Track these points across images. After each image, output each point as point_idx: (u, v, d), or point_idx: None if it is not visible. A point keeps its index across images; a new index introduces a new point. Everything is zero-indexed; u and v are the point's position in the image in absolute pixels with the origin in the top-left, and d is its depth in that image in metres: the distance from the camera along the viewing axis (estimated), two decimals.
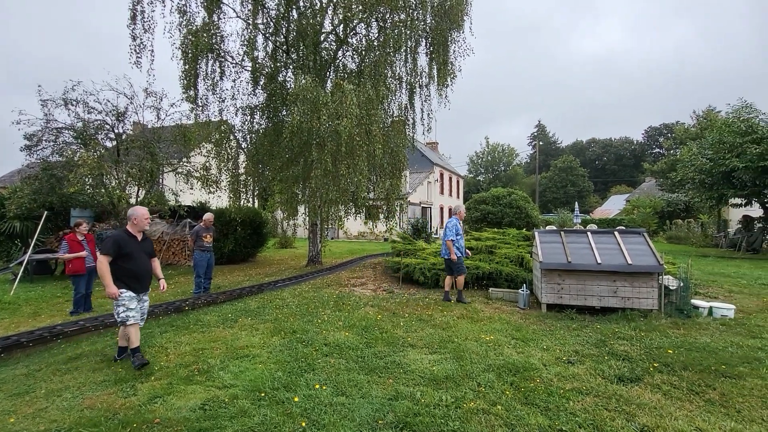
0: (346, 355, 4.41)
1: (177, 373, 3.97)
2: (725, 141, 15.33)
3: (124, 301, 4.21)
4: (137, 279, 4.32)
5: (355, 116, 7.45)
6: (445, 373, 3.86)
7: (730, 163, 14.63)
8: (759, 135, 14.43)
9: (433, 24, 10.07)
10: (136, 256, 4.31)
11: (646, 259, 5.98)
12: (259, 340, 5.00)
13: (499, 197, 16.44)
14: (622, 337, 4.92)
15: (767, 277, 9.47)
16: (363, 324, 5.56)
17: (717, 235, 22.11)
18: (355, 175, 8.01)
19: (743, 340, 4.74)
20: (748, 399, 3.31)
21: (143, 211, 4.45)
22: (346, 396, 3.43)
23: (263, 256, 14.95)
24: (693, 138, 26.77)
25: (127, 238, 4.31)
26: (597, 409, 3.19)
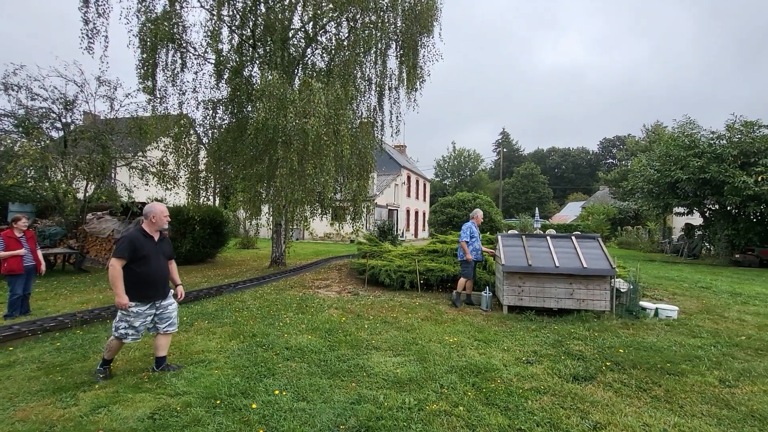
0: (309, 359, 4.30)
1: (124, 381, 3.71)
2: (671, 154, 16.49)
3: (129, 318, 3.72)
4: (153, 285, 3.82)
5: (323, 115, 7.33)
6: (408, 376, 3.84)
7: (675, 174, 15.74)
8: (700, 150, 15.63)
9: (404, 27, 10.14)
10: (152, 260, 3.79)
11: (600, 263, 6.28)
12: (216, 345, 4.78)
13: (465, 201, 16.79)
14: (578, 337, 5.13)
15: (706, 281, 10.23)
16: (327, 327, 5.46)
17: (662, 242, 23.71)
18: (322, 176, 7.88)
19: (685, 340, 5.07)
20: (689, 395, 3.52)
21: (162, 208, 3.93)
22: (307, 401, 3.33)
23: (224, 256, 14.41)
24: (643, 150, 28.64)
25: (143, 239, 3.79)
26: (554, 407, 3.29)
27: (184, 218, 11.51)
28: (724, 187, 14.65)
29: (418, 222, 35.25)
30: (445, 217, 16.45)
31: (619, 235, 28.83)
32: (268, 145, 8.30)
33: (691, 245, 19.86)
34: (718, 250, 17.19)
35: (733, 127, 16.05)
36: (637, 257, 18.76)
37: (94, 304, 6.85)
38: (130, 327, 3.75)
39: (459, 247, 7.15)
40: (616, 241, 28.18)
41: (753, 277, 11.48)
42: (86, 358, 4.29)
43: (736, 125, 16.01)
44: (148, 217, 3.88)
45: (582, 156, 74.93)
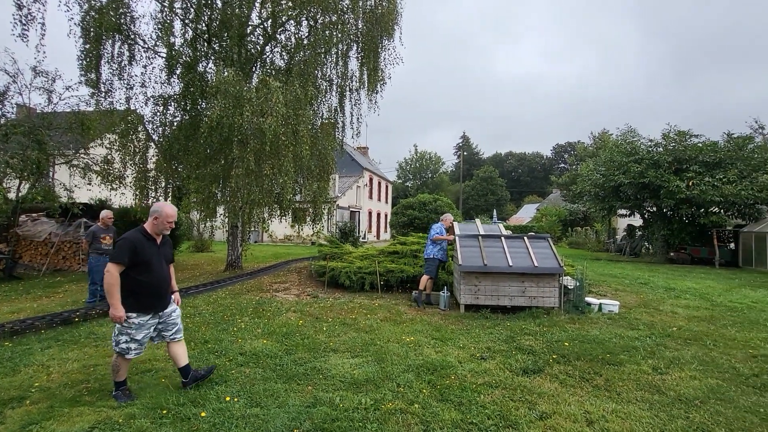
0: (264, 364, 4.20)
1: (60, 394, 3.44)
2: (614, 160, 17.69)
3: (130, 330, 3.30)
4: (155, 294, 3.41)
5: (281, 115, 7.19)
6: (366, 376, 3.85)
7: (618, 179, 16.90)
8: (640, 156, 16.90)
9: (365, 29, 10.17)
10: (155, 265, 3.38)
11: (550, 262, 6.61)
12: (164, 353, 4.53)
13: (426, 203, 17.09)
14: (528, 332, 5.36)
15: (644, 278, 11.06)
16: (284, 330, 5.35)
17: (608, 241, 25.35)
18: (281, 176, 7.72)
19: (624, 332, 5.45)
20: (626, 383, 3.79)
21: (171, 211, 3.47)
22: (261, 407, 3.25)
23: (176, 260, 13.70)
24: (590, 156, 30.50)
25: (145, 241, 3.35)
26: (504, 400, 3.42)
27: (131, 220, 10.84)
28: (660, 191, 15.92)
29: (380, 223, 35.42)
30: (407, 219, 16.65)
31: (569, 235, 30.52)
32: (223, 144, 8.01)
33: (632, 245, 21.39)
34: (655, 248, 18.63)
35: (668, 135, 17.51)
36: (585, 256, 19.93)
37: (26, 313, 6.29)
38: (132, 340, 3.33)
39: (427, 244, 7.32)
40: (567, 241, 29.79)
41: (685, 274, 12.55)
42: (16, 372, 3.94)
43: (670, 134, 17.48)
44: (152, 216, 3.45)
45: (537, 160, 78.58)
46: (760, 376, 3.95)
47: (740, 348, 4.85)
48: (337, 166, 14.70)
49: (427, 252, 7.30)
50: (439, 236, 7.19)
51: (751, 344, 5.00)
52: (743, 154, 15.81)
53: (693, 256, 16.49)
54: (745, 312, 6.92)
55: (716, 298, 8.23)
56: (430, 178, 68.54)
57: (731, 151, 15.97)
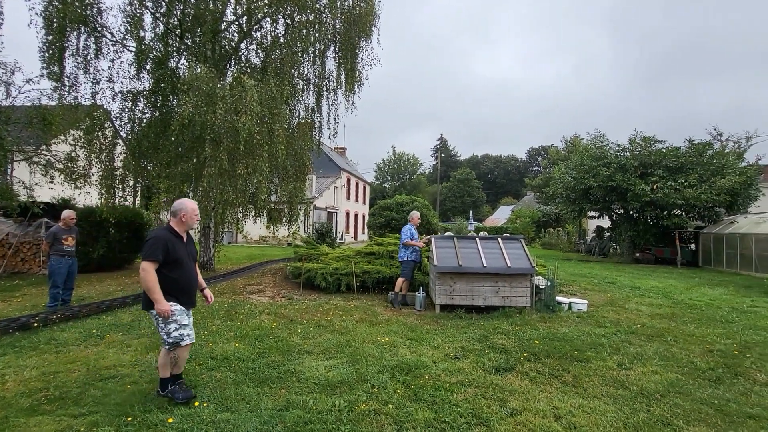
0: (235, 368, 4.11)
1: (17, 404, 3.26)
2: (585, 164, 18.31)
3: (173, 315, 3.26)
4: (188, 292, 3.40)
5: (256, 113, 7.05)
6: (340, 378, 3.83)
7: (588, 182, 17.50)
8: (608, 160, 17.56)
9: (342, 30, 10.14)
10: (185, 263, 3.37)
11: (522, 263, 6.77)
12: (130, 358, 4.38)
13: (403, 204, 17.14)
14: (501, 331, 5.47)
15: (612, 277, 11.48)
16: (257, 333, 5.26)
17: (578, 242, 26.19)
18: (255, 176, 7.58)
19: (592, 329, 5.64)
20: (593, 379, 3.92)
21: (193, 206, 3.47)
22: (232, 411, 3.18)
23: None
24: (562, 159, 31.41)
25: (174, 239, 3.33)
26: (476, 398, 3.48)
27: (97, 220, 10.40)
28: (627, 194, 16.59)
29: (358, 224, 35.35)
30: (384, 220, 16.65)
31: (543, 236, 31.36)
32: (195, 143, 7.80)
33: (601, 245, 22.18)
34: (622, 249, 19.39)
35: (634, 141, 18.27)
36: (557, 256, 20.53)
37: None
38: (181, 326, 3.30)
39: (400, 247, 7.33)
40: (540, 242, 30.60)
41: (649, 273, 13.11)
42: None
43: (637, 140, 18.25)
44: (177, 215, 3.41)
45: (512, 163, 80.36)
46: (715, 370, 4.17)
47: (698, 343, 5.11)
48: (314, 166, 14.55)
49: (401, 255, 7.34)
50: (410, 242, 7.21)
51: (708, 340, 5.28)
52: (703, 159, 16.67)
53: (657, 257, 17.26)
54: (704, 309, 7.29)
55: (677, 296, 8.64)
56: (407, 179, 68.96)
57: (692, 156, 16.82)
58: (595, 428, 2.99)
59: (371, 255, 8.80)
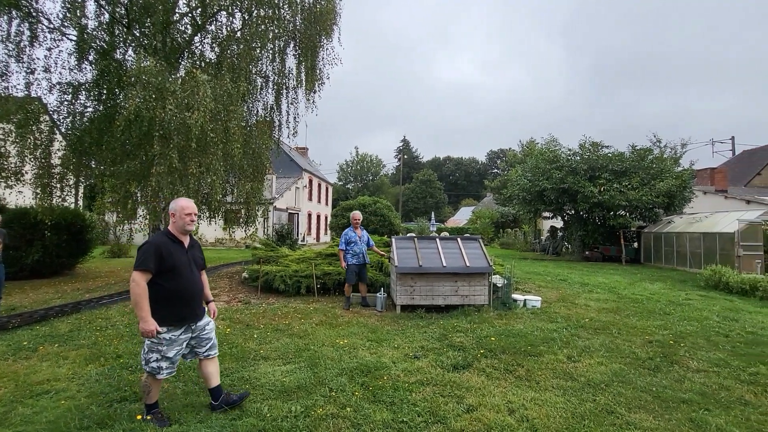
0: (185, 377, 3.90)
1: None
2: (539, 166, 19.13)
3: (159, 344, 2.91)
4: (187, 303, 3.02)
5: (209, 110, 6.74)
6: (297, 383, 3.73)
7: (542, 184, 18.31)
8: (561, 163, 18.46)
9: (303, 27, 9.95)
10: (183, 271, 2.99)
11: (480, 262, 6.95)
12: (67, 371, 4.04)
13: (366, 205, 17.13)
14: (460, 330, 5.57)
15: (564, 274, 12.06)
16: None
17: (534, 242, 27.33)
18: (209, 176, 7.24)
19: (545, 325, 5.88)
20: (544, 372, 4.08)
21: (185, 204, 3.07)
22: (180, 423, 3.00)
23: (86, 267, 12.30)
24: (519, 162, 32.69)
25: (171, 245, 2.98)
26: (434, 396, 3.50)
27: (31, 222, 9.54)
28: (577, 196, 17.51)
29: (320, 226, 34.91)
30: (346, 221, 16.54)
31: (501, 236, 32.44)
32: (143, 139, 7.33)
33: (554, 244, 23.28)
34: (573, 248, 20.45)
35: (584, 146, 19.34)
36: (514, 256, 21.30)
37: None
38: (163, 358, 2.94)
39: None
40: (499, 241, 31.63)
41: (597, 270, 13.90)
42: None
43: (586, 144, 19.33)
44: (171, 215, 3.08)
45: (473, 165, 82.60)
46: (653, 359, 4.47)
47: (639, 335, 5.46)
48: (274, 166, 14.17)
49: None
50: (340, 251, 7.11)
51: (648, 331, 5.65)
52: (644, 164, 17.93)
53: (604, 254, 18.34)
54: (645, 303, 7.81)
55: (622, 291, 9.21)
56: (371, 180, 69.05)
57: (635, 161, 18.03)
58: (546, 420, 3.10)
59: (332, 256, 8.69)
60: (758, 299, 8.25)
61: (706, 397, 3.52)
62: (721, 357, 4.56)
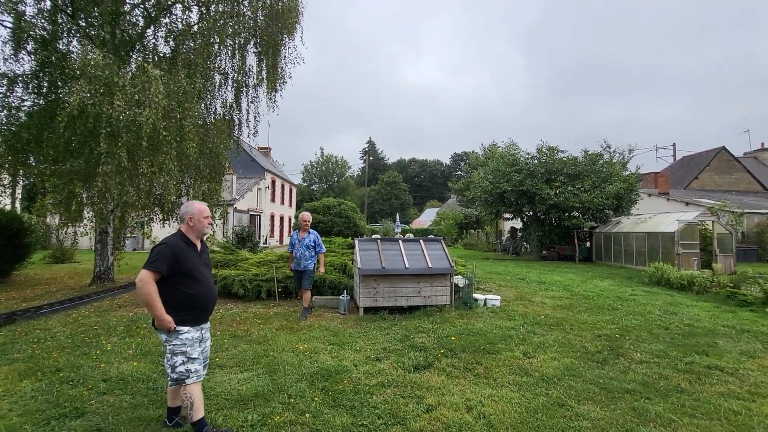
0: (133, 390, 3.67)
1: None
2: (500, 169, 19.77)
3: (183, 345, 2.74)
4: (204, 307, 2.89)
5: (162, 107, 6.40)
6: (254, 391, 3.61)
7: (503, 186, 18.94)
8: (520, 167, 19.18)
9: (264, 24, 9.71)
10: (198, 275, 2.84)
11: (442, 263, 7.06)
12: None
13: (330, 207, 16.98)
14: (422, 330, 5.63)
15: (522, 274, 12.51)
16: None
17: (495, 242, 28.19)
18: (162, 176, 6.88)
19: (503, 323, 6.06)
20: (501, 369, 4.19)
21: (201, 207, 2.97)
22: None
23: (24, 273, 11.33)
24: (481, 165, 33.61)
25: (185, 248, 2.84)
26: (395, 398, 3.51)
27: None
28: (535, 198, 18.26)
29: (284, 227, 34.21)
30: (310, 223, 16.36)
31: (464, 237, 33.22)
32: (89, 137, 6.85)
33: (514, 245, 24.13)
34: (532, 248, 21.29)
35: (541, 150, 20.20)
36: (476, 256, 21.86)
37: None
38: (189, 360, 2.76)
39: None
40: (462, 242, 32.36)
41: (553, 269, 14.54)
42: None
43: (543, 149, 20.19)
44: (184, 219, 2.93)
45: (437, 167, 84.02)
46: (602, 353, 4.72)
47: (589, 330, 5.75)
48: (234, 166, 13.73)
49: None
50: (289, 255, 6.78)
51: (597, 326, 5.97)
52: (596, 168, 19.00)
53: (560, 254, 19.23)
54: (595, 299, 8.25)
55: (575, 288, 9.68)
56: (336, 181, 68.57)
57: (587, 165, 19.07)
58: (502, 415, 3.19)
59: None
60: (695, 293, 8.95)
61: (648, 387, 3.76)
62: (662, 348, 4.89)
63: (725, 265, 13.14)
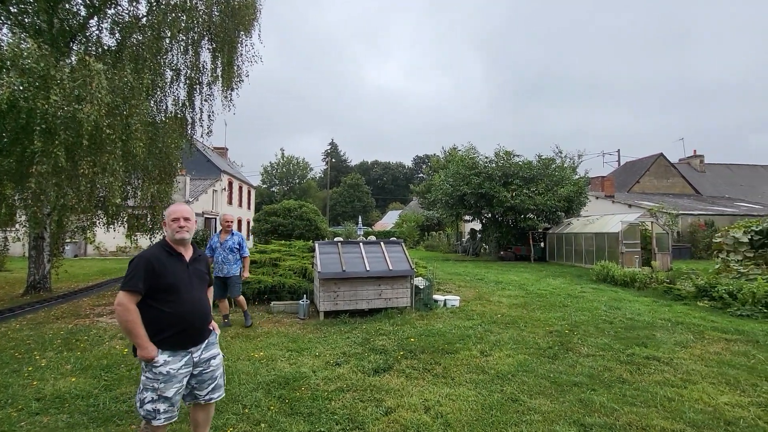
0: (71, 408, 3.40)
1: None
2: (460, 172, 20.27)
3: (155, 380, 2.29)
4: (187, 328, 2.38)
5: (105, 103, 5.98)
6: None
7: (463, 189, 19.43)
8: (479, 170, 19.77)
9: (219, 20, 9.35)
10: (183, 289, 2.39)
11: (403, 265, 7.11)
12: None
13: (291, 209, 16.60)
14: (383, 333, 5.63)
15: (481, 274, 12.87)
16: (104, 363, 4.44)
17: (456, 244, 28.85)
18: (105, 177, 6.43)
19: (462, 323, 6.20)
20: (459, 368, 4.28)
21: (173, 209, 2.53)
22: None
23: None
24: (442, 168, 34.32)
25: (166, 258, 2.41)
26: (354, 402, 3.48)
27: None
28: (493, 200, 18.89)
29: (242, 231, 33.11)
30: (270, 226, 15.87)
31: (426, 239, 33.74)
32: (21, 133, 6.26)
33: (474, 246, 24.81)
34: (490, 249, 22.00)
35: (498, 154, 20.94)
36: (437, 257, 22.25)
37: None
38: (160, 398, 2.30)
39: None
40: (424, 244, 32.84)
41: (510, 269, 15.09)
42: None
43: (500, 153, 20.94)
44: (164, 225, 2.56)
45: (400, 170, 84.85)
46: (552, 348, 4.94)
47: (542, 326, 6.01)
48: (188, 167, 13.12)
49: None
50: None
51: (549, 323, 6.25)
52: (548, 172, 19.96)
53: (516, 254, 20.00)
54: (548, 297, 8.64)
55: (530, 287, 10.09)
56: (297, 183, 67.40)
57: (541, 169, 20.00)
58: (458, 414, 3.25)
59: (252, 264, 8.25)
60: (636, 289, 9.61)
61: (593, 379, 3.98)
62: (606, 342, 5.20)
63: (663, 263, 14.24)
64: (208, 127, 9.71)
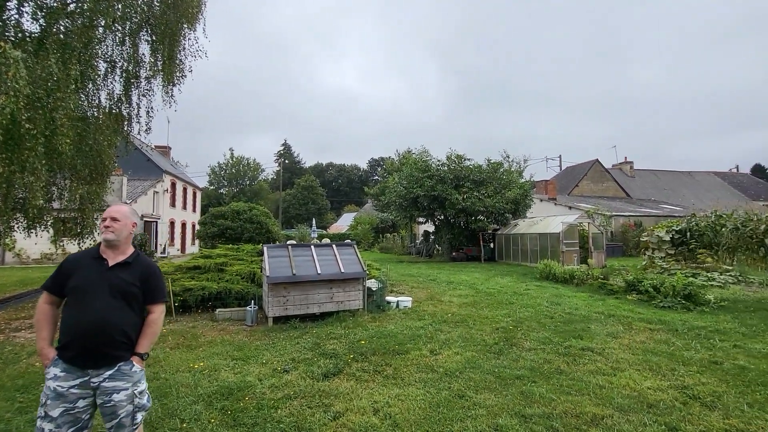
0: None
1: None
2: (413, 175, 20.61)
3: (44, 397, 2.07)
4: (76, 339, 2.09)
5: (24, 95, 5.38)
6: None
7: (416, 191, 19.75)
8: (432, 173, 20.21)
9: (159, 11, 8.79)
10: (87, 294, 2.14)
11: (355, 267, 7.08)
12: None
13: (240, 212, 15.98)
14: (334, 336, 5.56)
15: (434, 275, 13.14)
16: (20, 383, 3.99)
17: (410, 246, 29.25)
18: (25, 176, 5.78)
19: (413, 323, 6.27)
20: (409, 368, 4.32)
21: (113, 209, 2.33)
22: None
23: None
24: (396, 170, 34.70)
25: (84, 260, 2.26)
26: (302, 409, 3.39)
27: None
28: (445, 202, 19.38)
29: (186, 235, 31.34)
30: (217, 229, 15.15)
31: (381, 241, 33.91)
32: None
33: (427, 247, 25.31)
34: (443, 250, 22.54)
35: (450, 157, 21.53)
36: (392, 259, 22.43)
37: None
38: (45, 417, 2.03)
39: None
40: (378, 246, 32.98)
41: (461, 269, 15.54)
42: None
43: (452, 156, 21.56)
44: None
45: (355, 172, 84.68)
46: (498, 344, 5.14)
47: (489, 324, 6.23)
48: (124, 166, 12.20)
49: None
50: None
51: (496, 320, 6.50)
52: (497, 175, 20.85)
53: (467, 255, 20.67)
54: (496, 295, 8.98)
55: (479, 286, 10.45)
56: (248, 185, 65.05)
57: (490, 172, 20.84)
58: (407, 413, 3.27)
59: (196, 269, 7.84)
60: (575, 285, 10.27)
61: (534, 371, 4.18)
62: (547, 336, 5.50)
63: (598, 260, 15.37)
64: (147, 124, 9.08)
